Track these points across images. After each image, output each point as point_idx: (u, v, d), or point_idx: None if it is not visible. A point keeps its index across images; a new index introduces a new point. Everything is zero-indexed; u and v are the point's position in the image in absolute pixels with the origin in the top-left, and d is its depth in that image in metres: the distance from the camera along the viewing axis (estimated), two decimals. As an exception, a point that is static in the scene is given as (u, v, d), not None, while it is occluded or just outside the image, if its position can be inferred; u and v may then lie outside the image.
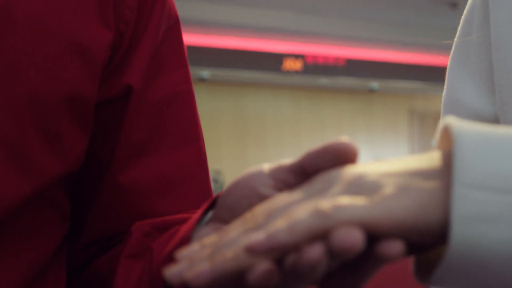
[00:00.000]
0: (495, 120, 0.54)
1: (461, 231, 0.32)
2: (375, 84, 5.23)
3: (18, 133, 0.48)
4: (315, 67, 4.81)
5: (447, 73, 0.61)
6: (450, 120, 0.36)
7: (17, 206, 0.49)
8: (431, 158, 0.36)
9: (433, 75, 5.01)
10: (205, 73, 4.52)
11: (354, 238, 0.32)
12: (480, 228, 0.32)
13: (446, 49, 0.63)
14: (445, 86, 0.60)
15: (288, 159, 0.41)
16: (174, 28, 0.59)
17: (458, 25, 0.60)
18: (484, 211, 0.32)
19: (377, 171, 0.36)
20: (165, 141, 0.57)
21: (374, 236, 0.33)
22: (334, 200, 0.34)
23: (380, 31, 4.74)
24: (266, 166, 0.41)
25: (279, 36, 4.64)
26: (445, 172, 0.34)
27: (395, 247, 0.33)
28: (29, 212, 0.50)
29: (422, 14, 4.51)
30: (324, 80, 4.98)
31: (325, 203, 0.33)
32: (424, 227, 0.33)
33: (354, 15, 4.54)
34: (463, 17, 0.60)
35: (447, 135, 0.37)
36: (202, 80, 4.55)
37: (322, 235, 0.33)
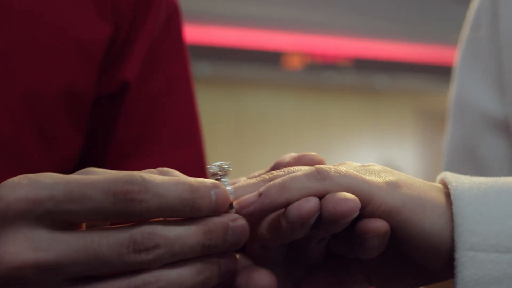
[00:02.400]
0: (505, 121, 0.54)
1: None
2: (382, 82, 5.23)
3: (12, 129, 0.47)
4: (319, 65, 4.80)
5: (455, 71, 0.60)
6: (448, 177, 0.35)
7: None
8: (436, 184, 0.36)
9: (442, 73, 5.01)
10: (202, 69, 4.51)
11: (351, 204, 0.32)
12: None
13: (455, 46, 0.62)
14: (453, 85, 0.60)
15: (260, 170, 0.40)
16: (173, 18, 0.57)
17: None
18: (489, 273, 0.32)
19: (385, 168, 0.36)
20: (160, 140, 0.55)
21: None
22: (337, 167, 0.34)
23: (387, 27, 4.72)
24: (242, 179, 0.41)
25: (280, 32, 4.63)
26: (449, 200, 0.34)
27: (379, 222, 0.33)
28: None
29: (431, 9, 4.50)
30: (328, 78, 4.98)
31: (326, 165, 0.34)
32: (416, 229, 0.33)
33: (359, 10, 4.53)
34: (471, 13, 0.59)
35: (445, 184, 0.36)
36: (197, 77, 4.55)
37: (315, 193, 0.32)
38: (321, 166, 0.33)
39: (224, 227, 0.33)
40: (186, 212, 0.32)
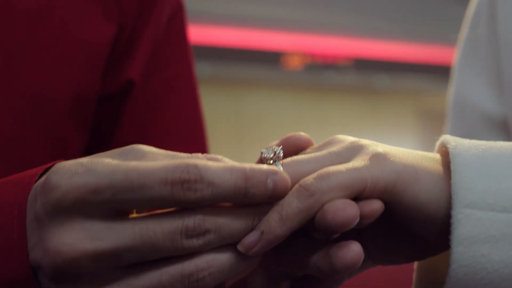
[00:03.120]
0: (504, 120, 0.54)
1: (463, 253, 0.32)
2: (382, 82, 5.22)
3: (16, 130, 0.47)
4: (319, 65, 4.80)
5: (454, 71, 0.60)
6: (447, 138, 0.35)
7: None
8: (435, 154, 0.36)
9: (442, 73, 5.01)
10: (202, 69, 4.50)
11: (350, 212, 0.31)
12: (482, 250, 0.32)
13: (454, 46, 0.62)
14: (452, 85, 0.60)
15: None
16: (176, 16, 0.57)
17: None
18: (485, 231, 0.32)
19: (373, 142, 0.36)
20: (161, 140, 0.55)
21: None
22: (319, 173, 0.33)
23: (387, 27, 4.72)
24: None
25: (280, 32, 4.62)
26: (447, 170, 0.34)
27: (374, 205, 0.32)
28: None
29: (431, 9, 4.49)
30: (328, 78, 4.98)
31: (308, 178, 0.33)
32: (412, 200, 0.33)
33: (359, 10, 4.53)
34: (470, 12, 0.59)
35: (445, 150, 0.36)
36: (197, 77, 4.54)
37: (314, 213, 0.32)
38: (305, 180, 0.33)
39: (275, 212, 0.33)
40: (239, 200, 0.32)
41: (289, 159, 0.35)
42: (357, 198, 0.33)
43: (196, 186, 0.30)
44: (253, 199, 0.32)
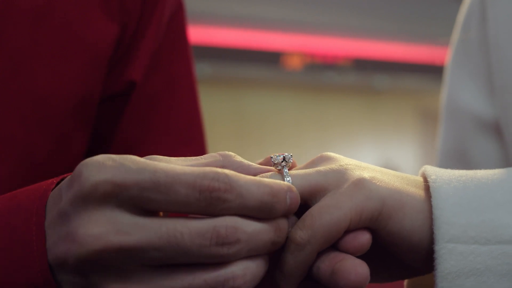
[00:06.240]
0: (496, 123, 0.54)
1: None
2: (382, 82, 5.22)
3: (21, 132, 0.47)
4: (319, 65, 4.79)
5: (446, 73, 0.60)
6: (428, 171, 0.35)
7: None
8: (418, 179, 0.36)
9: (442, 73, 4.97)
10: (202, 69, 4.49)
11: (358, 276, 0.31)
12: (467, 283, 0.32)
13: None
14: (444, 87, 0.60)
15: None
16: (177, 15, 0.57)
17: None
18: (469, 264, 0.32)
19: (357, 165, 0.35)
20: (160, 140, 0.55)
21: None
22: (302, 218, 0.33)
23: (387, 27, 4.71)
24: None
25: (280, 32, 4.61)
26: (428, 194, 0.34)
27: (361, 238, 0.32)
28: None
29: (431, 9, 4.48)
30: (328, 78, 4.97)
31: (295, 230, 0.33)
32: (396, 228, 0.33)
33: (359, 10, 4.52)
34: (461, 15, 0.59)
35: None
36: (197, 77, 4.53)
37: (310, 263, 0.33)
38: (294, 233, 0.33)
39: (289, 226, 0.33)
40: (263, 214, 0.32)
41: (294, 171, 0.35)
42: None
43: (225, 196, 0.30)
44: (274, 215, 0.32)
